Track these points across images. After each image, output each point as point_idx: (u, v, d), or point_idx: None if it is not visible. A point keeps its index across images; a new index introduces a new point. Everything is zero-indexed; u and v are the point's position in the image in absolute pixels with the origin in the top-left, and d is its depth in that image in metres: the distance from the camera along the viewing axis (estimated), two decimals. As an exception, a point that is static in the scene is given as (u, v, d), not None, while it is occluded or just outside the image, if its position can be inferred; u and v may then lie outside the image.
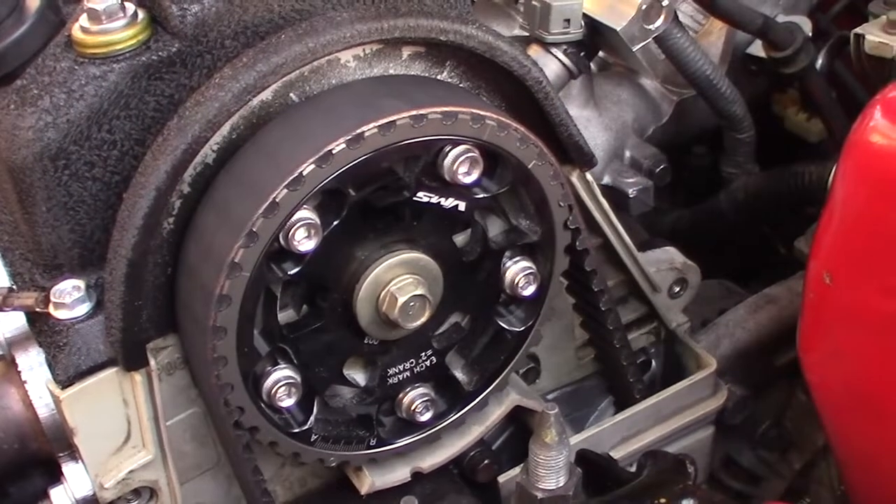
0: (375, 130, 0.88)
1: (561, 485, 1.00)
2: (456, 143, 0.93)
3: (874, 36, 1.27)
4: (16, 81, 0.96)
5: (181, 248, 0.94)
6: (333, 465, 1.06)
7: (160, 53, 0.92)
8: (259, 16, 0.94)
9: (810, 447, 1.42)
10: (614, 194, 1.40)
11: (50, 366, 0.98)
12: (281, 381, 0.96)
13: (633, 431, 1.25)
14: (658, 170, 1.43)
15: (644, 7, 1.26)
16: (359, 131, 0.88)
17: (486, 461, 1.17)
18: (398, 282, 0.96)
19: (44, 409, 1.00)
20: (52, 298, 0.96)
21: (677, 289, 1.26)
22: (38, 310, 0.96)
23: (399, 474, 1.10)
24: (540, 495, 1.00)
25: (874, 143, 0.97)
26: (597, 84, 1.46)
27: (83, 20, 0.93)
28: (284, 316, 0.97)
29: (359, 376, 1.04)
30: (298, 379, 0.97)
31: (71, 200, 0.94)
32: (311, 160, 0.87)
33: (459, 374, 1.08)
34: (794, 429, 1.44)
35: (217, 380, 0.93)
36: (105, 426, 1.00)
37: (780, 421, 1.45)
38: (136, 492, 1.04)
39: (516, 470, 1.08)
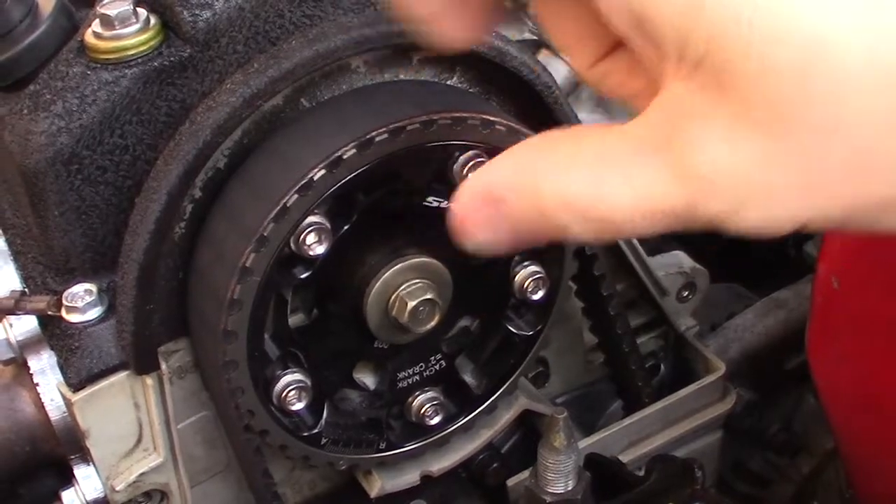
0: (385, 135, 0.88)
1: (570, 489, 1.00)
2: (466, 149, 0.93)
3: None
4: (29, 86, 0.96)
5: (193, 252, 0.95)
6: (343, 468, 1.06)
7: (172, 59, 0.93)
8: (270, 21, 0.95)
9: (819, 451, 1.42)
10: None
11: (62, 369, 0.98)
12: (291, 384, 0.96)
13: (642, 435, 1.25)
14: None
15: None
16: (369, 136, 0.88)
17: (495, 465, 1.18)
18: (408, 286, 0.96)
19: (55, 411, 1.00)
20: (65, 302, 0.96)
21: (686, 293, 1.26)
22: (50, 313, 0.97)
23: (408, 478, 1.10)
24: (549, 499, 1.00)
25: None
26: (606, 88, 1.46)
27: (95, 25, 0.93)
28: (295, 320, 0.97)
29: (368, 380, 1.05)
30: (309, 383, 0.97)
31: (83, 205, 0.95)
32: (322, 165, 0.87)
33: (469, 378, 1.08)
34: (803, 432, 1.45)
35: (228, 383, 0.93)
36: (116, 429, 1.00)
37: (789, 425, 1.45)
38: (147, 494, 1.04)
39: (525, 473, 1.08)
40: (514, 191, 0.58)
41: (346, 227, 0.93)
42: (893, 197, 0.48)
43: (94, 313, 0.97)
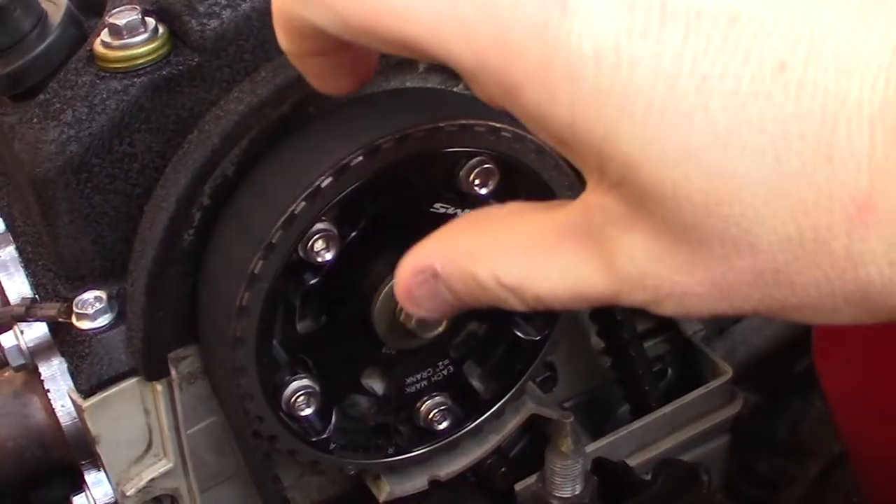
0: (392, 143, 0.89)
1: (577, 493, 1.00)
2: (472, 155, 0.93)
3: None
4: (38, 95, 0.97)
5: (202, 259, 0.95)
6: (352, 473, 1.07)
7: (180, 68, 0.93)
8: (277, 30, 0.95)
9: (827, 454, 1.42)
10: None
11: (72, 375, 0.99)
12: (300, 390, 0.97)
13: (650, 439, 1.25)
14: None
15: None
16: (376, 144, 0.88)
17: (503, 469, 1.18)
18: (415, 292, 0.96)
19: (66, 417, 1.01)
20: (75, 309, 0.97)
21: (693, 297, 1.26)
22: (60, 320, 0.97)
23: (417, 482, 1.10)
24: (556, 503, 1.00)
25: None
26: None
27: (104, 35, 0.94)
28: (303, 326, 0.97)
29: (377, 385, 1.05)
30: (317, 388, 0.98)
31: (93, 212, 0.95)
32: (329, 172, 0.88)
33: (476, 383, 1.09)
34: (811, 436, 1.45)
35: (237, 389, 0.94)
36: (127, 435, 1.01)
37: (796, 428, 1.45)
38: (157, 500, 1.05)
39: (533, 478, 1.09)
40: (450, 268, 0.66)
41: (353, 234, 0.93)
42: (801, 304, 0.53)
43: (104, 320, 0.97)
